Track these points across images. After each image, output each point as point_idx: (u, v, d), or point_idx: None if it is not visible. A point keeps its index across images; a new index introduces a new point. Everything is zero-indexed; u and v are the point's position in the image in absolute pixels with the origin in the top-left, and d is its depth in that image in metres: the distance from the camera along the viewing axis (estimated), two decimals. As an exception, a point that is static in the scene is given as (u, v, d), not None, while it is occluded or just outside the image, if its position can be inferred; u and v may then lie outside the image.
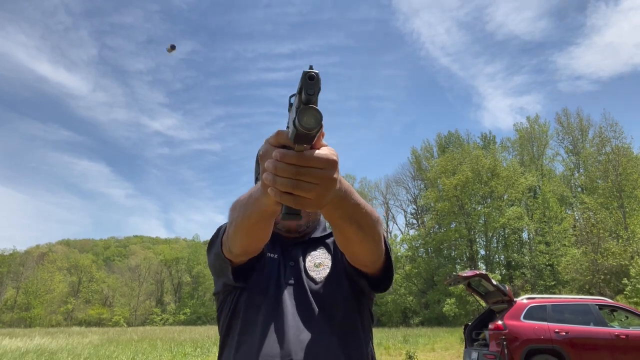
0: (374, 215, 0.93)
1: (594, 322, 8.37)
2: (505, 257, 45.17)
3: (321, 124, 0.62)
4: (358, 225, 0.89)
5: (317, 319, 1.09)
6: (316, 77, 0.61)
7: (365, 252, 1.00)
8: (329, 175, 0.68)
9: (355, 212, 0.86)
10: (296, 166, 0.65)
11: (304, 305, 1.11)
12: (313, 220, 1.29)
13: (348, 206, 0.83)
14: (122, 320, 68.66)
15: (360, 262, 1.06)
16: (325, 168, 0.67)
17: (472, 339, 9.34)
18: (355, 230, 0.90)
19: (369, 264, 1.06)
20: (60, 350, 14.78)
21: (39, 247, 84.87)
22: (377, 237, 0.98)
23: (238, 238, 0.99)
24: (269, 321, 1.08)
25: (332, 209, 0.81)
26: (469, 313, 36.18)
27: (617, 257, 28.65)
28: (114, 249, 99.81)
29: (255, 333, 1.08)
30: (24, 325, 60.29)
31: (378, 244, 1.00)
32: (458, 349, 15.20)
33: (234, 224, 0.96)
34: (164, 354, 14.49)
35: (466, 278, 8.95)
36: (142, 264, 79.24)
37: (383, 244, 1.03)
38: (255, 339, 1.06)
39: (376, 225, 0.95)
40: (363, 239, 0.94)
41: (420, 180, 54.74)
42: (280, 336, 1.05)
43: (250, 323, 1.10)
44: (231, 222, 0.98)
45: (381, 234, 1.00)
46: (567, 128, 47.61)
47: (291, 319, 1.08)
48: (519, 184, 42.16)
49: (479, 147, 47.74)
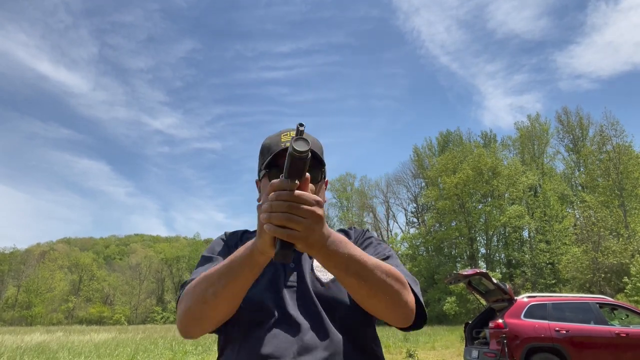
0: (379, 269, 0.95)
1: (594, 321, 8.37)
2: (505, 256, 45.18)
3: (309, 149, 0.74)
4: (359, 277, 0.92)
5: (321, 321, 1.07)
6: (304, 126, 0.76)
7: (384, 310, 1.01)
8: (315, 211, 0.79)
9: (352, 263, 0.90)
10: (288, 202, 0.77)
11: (308, 306, 1.10)
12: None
13: (341, 254, 0.88)
14: (122, 318, 68.79)
15: (387, 320, 1.06)
16: (313, 205, 0.79)
17: (473, 337, 9.35)
18: (356, 283, 0.93)
19: (396, 323, 1.06)
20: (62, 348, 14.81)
21: (39, 246, 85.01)
22: (395, 296, 0.98)
23: (211, 311, 0.99)
24: (269, 324, 1.06)
25: (324, 256, 0.87)
26: (470, 311, 36.21)
27: (618, 256, 28.66)
28: (114, 247, 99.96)
29: (255, 336, 1.06)
30: (25, 324, 60.42)
31: (397, 301, 0.99)
32: (458, 347, 15.21)
33: (208, 298, 0.97)
34: (164, 353, 14.51)
35: (467, 276, 8.96)
36: (143, 263, 79.39)
37: (408, 299, 1.02)
38: (255, 342, 1.05)
39: (384, 278, 0.95)
40: (371, 294, 0.96)
41: (421, 178, 54.74)
42: (282, 338, 1.03)
43: (250, 326, 1.09)
44: (204, 299, 0.97)
45: (401, 295, 0.99)
46: (568, 126, 47.57)
47: (293, 321, 1.06)
48: (519, 182, 42.14)
49: (479, 146, 47.72)
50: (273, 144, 1.20)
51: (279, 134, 1.23)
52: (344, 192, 56.63)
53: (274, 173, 1.17)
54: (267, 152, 1.20)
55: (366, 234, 1.30)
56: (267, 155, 1.19)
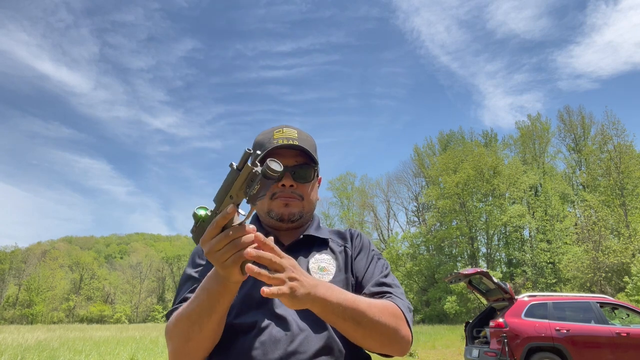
0: (375, 311, 0.96)
1: (595, 320, 8.36)
2: (506, 255, 45.17)
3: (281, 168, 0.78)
4: (355, 322, 0.94)
5: (316, 323, 1.05)
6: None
7: (379, 348, 1.03)
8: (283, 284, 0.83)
9: (346, 310, 0.92)
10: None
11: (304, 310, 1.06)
12: (307, 212, 1.24)
13: (336, 301, 0.91)
14: (123, 317, 68.87)
15: (381, 354, 1.09)
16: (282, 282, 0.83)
17: (473, 336, 9.35)
18: (352, 327, 0.95)
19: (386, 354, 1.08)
20: (62, 346, 14.83)
21: (40, 244, 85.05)
22: (392, 333, 1.01)
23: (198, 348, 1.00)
24: (259, 327, 1.04)
25: (318, 306, 0.89)
26: (470, 311, 36.23)
27: (619, 255, 28.63)
28: (115, 246, 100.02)
29: (244, 340, 1.03)
30: (25, 322, 60.52)
31: (392, 343, 1.02)
32: (459, 347, 15.21)
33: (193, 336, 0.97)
34: (165, 351, 14.51)
35: (467, 276, 8.95)
36: (144, 261, 79.44)
37: (405, 342, 1.04)
38: (244, 347, 1.02)
39: (385, 321, 0.98)
40: (366, 335, 0.97)
41: (422, 177, 54.74)
42: (272, 342, 1.01)
43: (239, 331, 1.06)
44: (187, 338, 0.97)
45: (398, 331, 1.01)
46: (569, 126, 47.45)
47: (285, 324, 1.04)
48: (520, 182, 42.10)
49: (480, 145, 47.67)
50: (265, 140, 1.20)
51: (272, 130, 1.23)
52: (345, 191, 56.57)
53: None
54: (257, 148, 1.19)
55: (359, 239, 1.29)
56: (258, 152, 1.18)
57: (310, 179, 1.21)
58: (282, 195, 1.18)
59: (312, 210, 1.28)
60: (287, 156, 1.19)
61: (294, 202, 1.19)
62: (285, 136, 1.19)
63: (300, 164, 1.20)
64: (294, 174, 1.18)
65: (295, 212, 1.20)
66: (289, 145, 1.17)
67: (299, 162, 1.20)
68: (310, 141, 1.24)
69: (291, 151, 1.19)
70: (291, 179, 1.18)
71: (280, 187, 1.18)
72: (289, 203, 1.19)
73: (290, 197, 1.19)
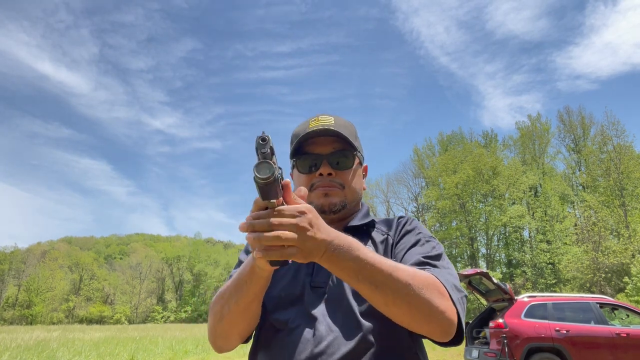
0: (397, 274, 0.84)
1: (594, 321, 8.36)
2: (506, 256, 45.17)
3: (274, 175, 0.70)
4: (371, 284, 0.83)
5: (352, 321, 1.00)
6: (267, 139, 0.71)
7: (405, 321, 0.89)
8: (300, 222, 0.74)
9: (362, 269, 0.82)
10: (268, 219, 0.73)
11: (337, 306, 1.02)
12: (351, 201, 1.16)
13: (348, 261, 0.81)
14: (123, 317, 68.86)
15: (410, 328, 0.92)
16: (296, 216, 0.74)
17: (473, 337, 9.35)
18: (367, 290, 0.84)
19: (421, 330, 0.91)
20: (62, 346, 14.82)
21: (40, 245, 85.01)
22: (424, 305, 0.85)
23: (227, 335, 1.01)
24: (295, 326, 1.01)
25: (330, 263, 0.81)
26: (470, 311, 36.20)
27: (618, 256, 28.65)
28: (115, 246, 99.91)
29: (277, 341, 1.02)
30: (25, 323, 60.50)
31: (426, 316, 0.87)
32: (459, 347, 15.19)
33: (225, 315, 0.98)
34: (165, 352, 14.50)
35: (467, 276, 8.94)
36: (144, 262, 79.42)
37: (445, 318, 0.88)
38: (276, 347, 1.01)
39: (403, 285, 0.84)
40: (387, 302, 0.85)
41: (422, 178, 54.71)
42: (303, 343, 0.97)
43: (272, 331, 1.04)
44: (221, 316, 0.99)
45: (432, 303, 0.86)
46: (569, 126, 47.45)
47: (316, 324, 0.99)
48: (520, 182, 42.12)
49: (480, 146, 47.69)
50: (300, 130, 1.15)
51: (308, 120, 1.18)
52: (345, 191, 56.55)
53: (301, 162, 1.14)
54: (294, 140, 1.15)
55: (406, 225, 1.16)
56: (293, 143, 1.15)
57: (349, 165, 1.15)
58: (321, 185, 1.12)
59: (357, 199, 1.20)
60: (324, 143, 1.13)
61: (334, 191, 1.13)
62: (320, 123, 1.13)
63: (338, 150, 1.14)
64: (331, 161, 1.13)
65: (336, 202, 1.13)
66: (324, 131, 1.11)
67: (336, 149, 1.13)
68: (349, 127, 1.17)
69: (328, 138, 1.13)
70: (329, 166, 1.12)
71: (318, 176, 1.12)
72: (328, 192, 1.12)
73: (329, 186, 1.12)
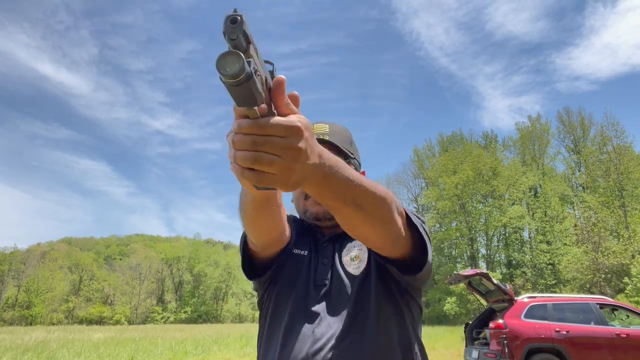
0: (377, 192, 0.79)
1: (594, 321, 8.36)
2: (506, 256, 45.16)
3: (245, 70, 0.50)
4: (357, 206, 0.76)
5: (351, 318, 1.03)
6: (239, 19, 0.51)
7: (373, 236, 0.86)
8: (291, 145, 0.57)
9: (350, 191, 0.72)
10: (252, 135, 0.56)
11: (338, 303, 1.05)
12: None
13: (337, 184, 0.70)
14: (123, 318, 68.80)
15: (375, 247, 0.93)
16: (287, 136, 0.57)
17: (473, 337, 9.34)
18: (353, 212, 0.76)
19: (385, 248, 0.93)
20: (62, 347, 14.81)
21: (40, 246, 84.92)
22: (387, 216, 0.83)
23: (248, 229, 0.98)
24: (295, 322, 1.03)
25: (317, 188, 0.69)
26: (470, 312, 36.18)
27: (618, 256, 28.63)
28: (115, 247, 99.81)
29: (281, 334, 1.04)
30: (25, 324, 60.45)
31: (389, 224, 0.84)
32: (459, 348, 15.19)
33: (240, 216, 0.95)
34: (164, 353, 14.49)
35: (467, 277, 8.94)
36: (143, 263, 79.33)
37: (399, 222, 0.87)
38: (279, 342, 1.03)
39: (382, 202, 0.80)
40: (366, 221, 0.80)
41: (422, 179, 54.72)
42: (301, 337, 1.00)
43: (278, 323, 1.07)
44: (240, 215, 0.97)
45: (392, 211, 0.84)
46: (569, 127, 47.47)
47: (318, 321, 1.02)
48: (520, 183, 42.12)
49: (480, 147, 47.70)
50: None
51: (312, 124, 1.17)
52: (344, 192, 56.57)
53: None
54: None
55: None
56: None
57: None
58: None
59: None
60: None
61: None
62: (315, 132, 1.11)
63: None
64: None
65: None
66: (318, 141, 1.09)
67: None
68: (342, 134, 1.18)
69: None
70: None
71: None
72: None
73: None
